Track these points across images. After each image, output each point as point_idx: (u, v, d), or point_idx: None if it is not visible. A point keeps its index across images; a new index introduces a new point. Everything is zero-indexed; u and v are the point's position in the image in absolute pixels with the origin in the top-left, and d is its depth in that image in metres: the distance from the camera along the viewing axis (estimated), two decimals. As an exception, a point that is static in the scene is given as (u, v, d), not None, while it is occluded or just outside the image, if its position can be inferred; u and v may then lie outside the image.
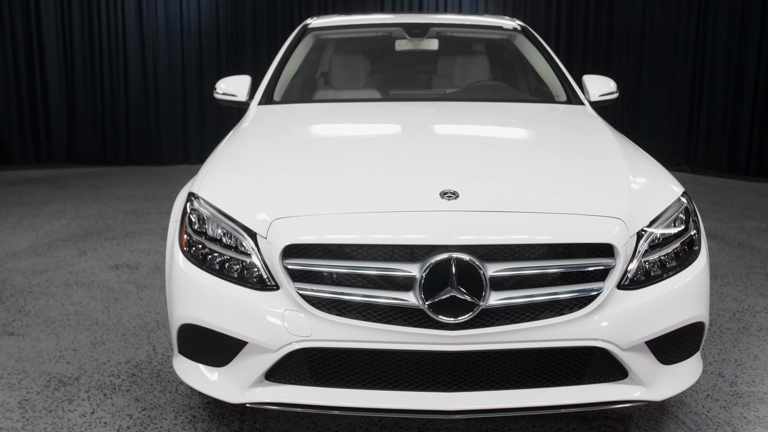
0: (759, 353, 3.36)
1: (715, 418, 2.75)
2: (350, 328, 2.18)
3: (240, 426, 2.67)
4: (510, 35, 4.35)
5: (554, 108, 3.65)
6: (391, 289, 2.17)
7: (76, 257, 5.00)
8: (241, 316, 2.27)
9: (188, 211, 2.49)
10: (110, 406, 2.83)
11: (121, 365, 3.20)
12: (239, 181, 2.55)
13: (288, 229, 2.22)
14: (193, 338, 2.40)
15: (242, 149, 2.86)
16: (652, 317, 2.29)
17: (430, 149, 2.84)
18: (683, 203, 2.51)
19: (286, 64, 3.94)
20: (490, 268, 2.14)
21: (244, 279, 2.30)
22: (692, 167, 9.51)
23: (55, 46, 9.60)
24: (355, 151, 2.85)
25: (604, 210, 2.30)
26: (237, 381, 2.31)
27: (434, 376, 2.22)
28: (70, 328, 3.64)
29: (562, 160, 2.76)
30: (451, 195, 2.28)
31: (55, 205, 6.86)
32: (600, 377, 2.29)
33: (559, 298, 2.19)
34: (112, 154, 9.89)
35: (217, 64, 9.83)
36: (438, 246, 2.14)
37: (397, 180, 2.47)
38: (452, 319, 2.13)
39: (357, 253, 2.19)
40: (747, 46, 8.92)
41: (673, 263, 2.39)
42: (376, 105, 3.68)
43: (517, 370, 2.24)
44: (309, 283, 2.20)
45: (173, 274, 2.43)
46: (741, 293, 4.26)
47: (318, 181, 2.49)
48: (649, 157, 2.90)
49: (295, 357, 2.23)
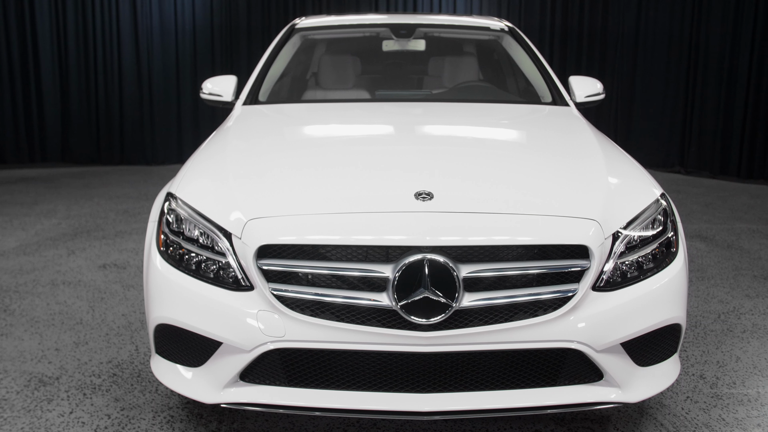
0: (741, 355, 3.36)
1: (693, 420, 2.75)
2: (324, 328, 2.18)
3: (218, 426, 2.67)
4: (497, 36, 4.35)
5: (539, 109, 3.65)
6: (365, 290, 2.17)
7: (65, 257, 4.99)
8: (215, 316, 2.27)
9: (165, 212, 2.49)
10: (89, 406, 2.82)
11: (103, 365, 3.20)
12: (217, 181, 2.54)
13: (262, 230, 2.22)
14: (169, 338, 2.41)
15: (222, 150, 2.86)
16: (627, 319, 2.29)
17: (408, 150, 2.84)
18: (661, 205, 2.51)
19: (272, 65, 3.95)
20: (463, 269, 2.14)
21: (219, 279, 2.30)
22: (686, 168, 9.51)
23: (49, 45, 9.59)
24: (334, 152, 2.85)
25: (579, 211, 2.30)
26: (212, 381, 2.31)
27: (408, 377, 2.22)
28: (53, 328, 3.64)
29: (540, 161, 2.76)
30: (426, 196, 2.28)
31: (47, 205, 6.85)
32: (575, 379, 2.29)
33: (533, 299, 2.19)
34: (106, 154, 9.88)
35: (211, 64, 9.82)
36: (411, 247, 2.14)
37: (372, 181, 2.47)
38: (425, 320, 2.13)
39: (331, 253, 2.18)
40: (740, 48, 8.93)
41: (651, 265, 2.39)
42: (361, 105, 3.68)
43: (491, 371, 2.24)
44: (283, 284, 2.20)
45: (150, 274, 2.43)
46: (727, 295, 4.26)
47: (294, 182, 2.49)
48: (629, 158, 2.89)
49: (269, 357, 2.23)
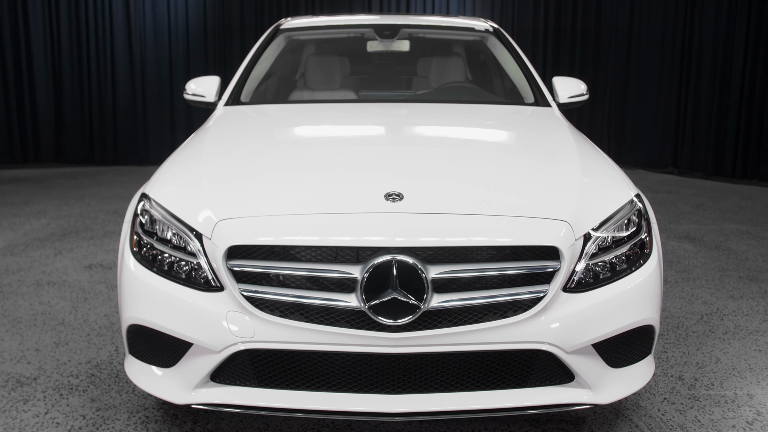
0: (721, 356, 3.36)
1: (669, 421, 2.75)
2: (293, 329, 2.17)
3: (192, 426, 2.67)
4: (482, 37, 4.34)
5: (520, 110, 3.65)
6: (334, 290, 2.16)
7: (51, 257, 4.99)
8: (186, 317, 2.26)
9: (139, 213, 2.48)
10: (65, 407, 2.82)
11: (81, 365, 3.20)
12: (190, 182, 2.54)
13: (231, 231, 2.21)
14: (141, 339, 2.40)
15: (198, 151, 2.86)
16: (598, 320, 2.28)
17: (383, 151, 2.83)
18: (636, 205, 2.50)
19: (255, 65, 3.94)
20: (432, 271, 2.13)
21: (190, 280, 2.29)
22: (679, 169, 9.52)
23: (42, 46, 9.60)
24: (308, 153, 2.84)
25: (550, 212, 2.29)
26: (183, 382, 2.31)
27: (378, 378, 2.21)
28: (35, 328, 3.64)
29: (513, 161, 2.76)
30: (396, 197, 2.27)
31: (37, 205, 6.85)
32: (546, 380, 2.28)
33: (502, 300, 2.18)
34: (99, 154, 9.88)
35: (204, 64, 9.82)
36: (380, 248, 2.13)
37: (343, 182, 2.46)
38: (393, 321, 2.12)
39: (300, 254, 2.18)
40: (733, 49, 8.94)
41: (624, 266, 2.38)
42: (342, 106, 3.68)
43: (460, 372, 2.23)
44: (253, 285, 2.19)
45: (122, 274, 2.43)
46: (711, 296, 4.26)
47: (266, 183, 2.48)
48: (606, 158, 2.89)
49: (238, 358, 2.23)
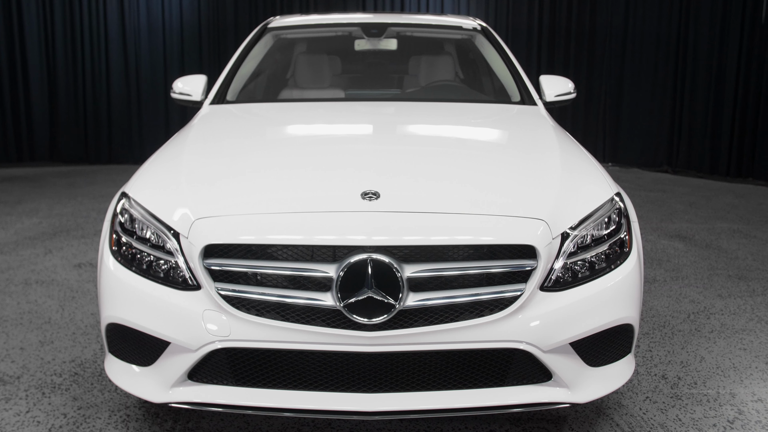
0: (706, 355, 3.36)
1: (650, 420, 2.74)
2: (269, 328, 2.17)
3: (173, 425, 2.67)
4: (470, 35, 4.34)
5: (506, 108, 3.64)
6: (310, 289, 2.16)
7: (41, 256, 4.99)
8: (163, 315, 2.26)
9: (118, 212, 2.48)
10: (46, 405, 2.82)
11: (65, 364, 3.20)
12: (170, 182, 2.54)
13: (208, 229, 2.21)
14: (120, 338, 2.40)
15: (180, 150, 2.85)
16: (575, 319, 2.28)
17: (363, 149, 2.83)
18: (616, 204, 2.50)
19: (242, 64, 3.94)
20: (407, 269, 2.13)
21: (169, 279, 2.29)
22: (674, 168, 9.51)
23: (36, 44, 9.59)
24: (288, 152, 2.84)
25: (527, 211, 2.29)
26: (160, 381, 2.31)
27: (354, 377, 2.21)
28: (21, 327, 3.64)
29: (493, 160, 2.76)
30: (372, 195, 2.27)
31: (30, 204, 6.85)
32: (523, 379, 2.29)
33: (479, 299, 2.18)
34: (93, 153, 9.88)
35: (199, 63, 9.82)
36: (355, 247, 2.13)
37: (321, 181, 2.46)
38: (368, 319, 2.12)
39: (278, 253, 2.18)
40: (728, 47, 8.93)
41: (603, 265, 2.38)
42: (328, 105, 3.67)
43: (437, 371, 2.23)
44: (230, 283, 2.20)
45: (102, 272, 2.43)
46: (699, 295, 4.26)
47: (244, 182, 2.48)
48: (588, 157, 2.88)
49: (215, 357, 2.23)
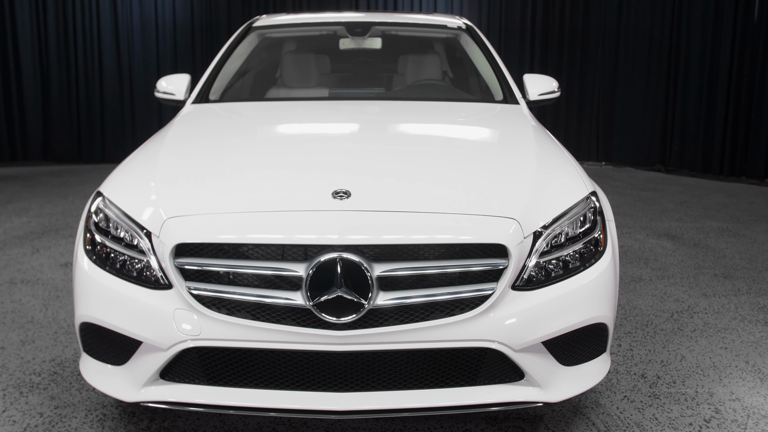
0: (686, 354, 3.36)
1: (626, 419, 2.74)
2: (239, 327, 2.17)
3: (149, 424, 2.67)
4: (455, 34, 4.34)
5: (487, 107, 3.64)
6: (280, 288, 2.16)
7: (28, 255, 4.99)
8: (135, 315, 2.26)
9: (93, 211, 2.48)
10: (23, 405, 2.82)
11: (45, 363, 3.20)
12: (144, 181, 2.54)
13: (179, 228, 2.21)
14: (93, 337, 2.40)
15: (156, 150, 2.85)
16: (547, 318, 2.27)
17: (340, 148, 2.83)
18: (591, 202, 2.50)
19: (225, 63, 3.93)
20: (377, 268, 2.13)
21: (141, 278, 2.29)
22: (666, 167, 9.51)
23: (29, 43, 9.58)
24: (265, 152, 2.84)
25: (498, 210, 2.28)
26: (132, 380, 2.31)
27: (325, 376, 2.21)
28: (3, 326, 3.63)
29: (468, 159, 2.75)
30: (343, 194, 2.27)
31: (20, 203, 6.85)
32: (495, 378, 2.28)
33: (449, 298, 2.18)
34: (87, 152, 9.88)
35: (192, 62, 9.81)
36: (325, 246, 2.13)
37: (293, 180, 2.46)
38: (337, 318, 2.12)
39: (250, 252, 2.18)
40: (721, 47, 8.93)
41: (576, 263, 2.37)
42: (310, 104, 3.67)
43: (408, 370, 2.23)
44: (200, 282, 2.20)
45: (75, 271, 2.43)
46: (684, 293, 4.26)
47: (217, 182, 2.48)
48: (566, 155, 2.88)
49: (186, 356, 2.23)
